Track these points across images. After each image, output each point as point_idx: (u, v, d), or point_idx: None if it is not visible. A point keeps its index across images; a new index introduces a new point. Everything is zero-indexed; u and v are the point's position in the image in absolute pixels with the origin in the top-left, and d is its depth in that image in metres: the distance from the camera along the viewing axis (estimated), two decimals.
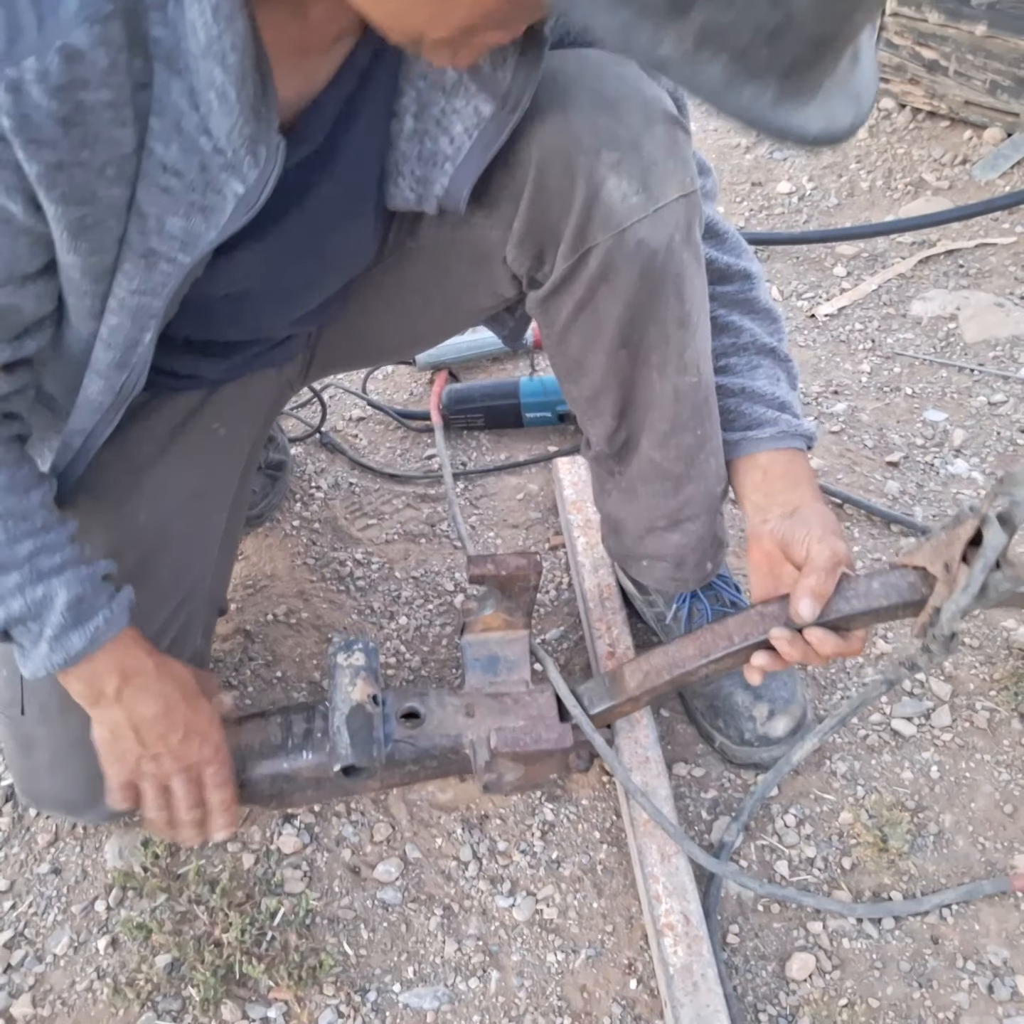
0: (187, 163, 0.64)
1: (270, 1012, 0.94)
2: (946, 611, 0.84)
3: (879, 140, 2.34)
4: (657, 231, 0.86)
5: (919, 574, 0.90)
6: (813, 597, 0.88)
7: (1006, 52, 2.13)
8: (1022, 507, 0.80)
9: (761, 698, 1.10)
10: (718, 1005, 0.87)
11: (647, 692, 0.98)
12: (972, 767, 1.11)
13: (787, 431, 0.99)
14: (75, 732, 0.94)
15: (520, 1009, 0.94)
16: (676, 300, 0.91)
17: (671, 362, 0.94)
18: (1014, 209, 2.03)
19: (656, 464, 1.02)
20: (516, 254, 0.92)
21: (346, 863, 1.05)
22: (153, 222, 0.68)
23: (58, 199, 0.63)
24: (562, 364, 1.01)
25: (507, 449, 1.59)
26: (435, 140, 0.82)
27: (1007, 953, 0.96)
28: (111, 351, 0.78)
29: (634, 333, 0.92)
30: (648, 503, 1.06)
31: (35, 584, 0.81)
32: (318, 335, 1.15)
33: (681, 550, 1.09)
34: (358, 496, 1.51)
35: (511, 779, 0.99)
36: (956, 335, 1.76)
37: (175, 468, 1.01)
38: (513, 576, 1.03)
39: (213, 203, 0.67)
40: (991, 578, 0.81)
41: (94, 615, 0.83)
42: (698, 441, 0.99)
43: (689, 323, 0.93)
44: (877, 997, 0.94)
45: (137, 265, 0.70)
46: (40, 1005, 0.96)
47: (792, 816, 1.07)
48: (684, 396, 0.96)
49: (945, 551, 0.86)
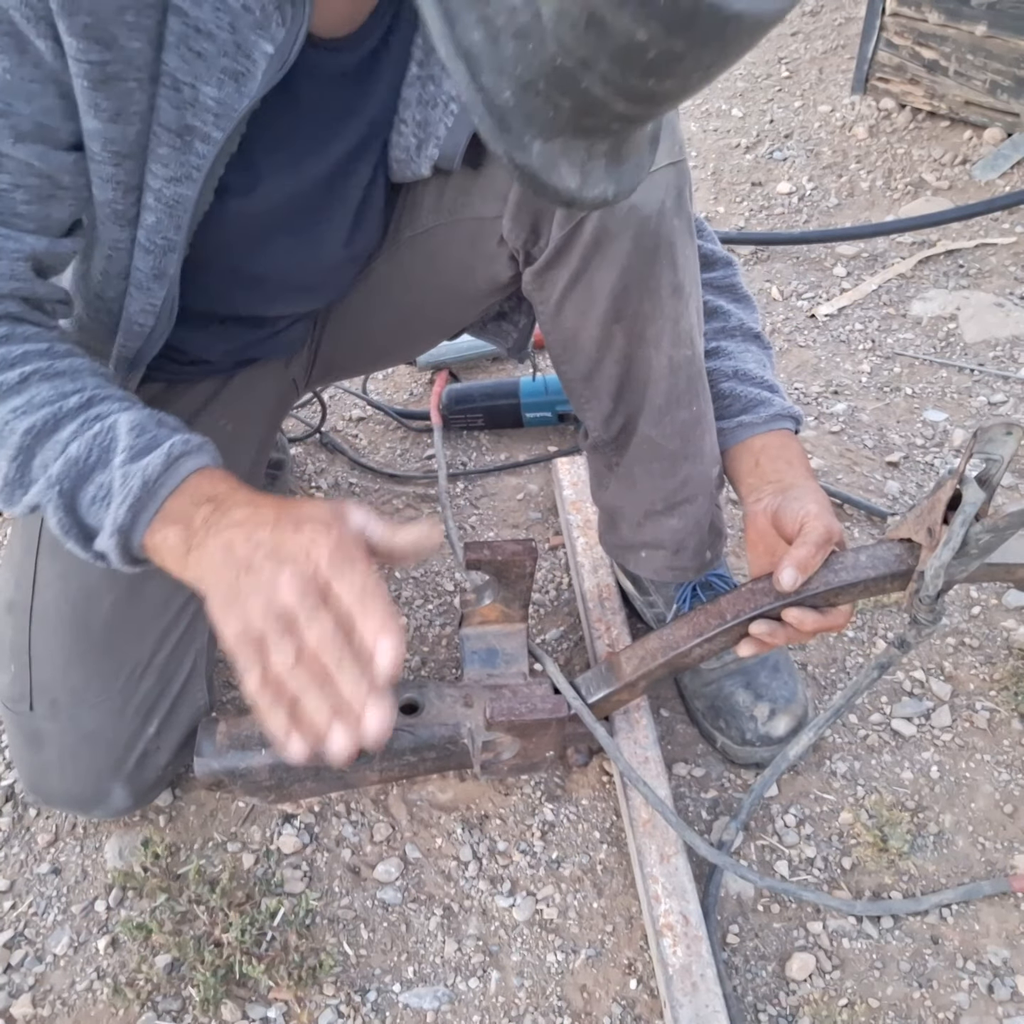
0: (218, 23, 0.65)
1: (270, 1012, 0.94)
2: (929, 568, 0.85)
3: (879, 140, 2.34)
4: (648, 196, 0.87)
5: (905, 546, 0.92)
6: (796, 567, 0.89)
7: (1006, 52, 2.13)
8: (998, 464, 0.81)
9: (762, 698, 1.10)
10: (717, 1005, 0.87)
11: (643, 676, 0.99)
12: (972, 767, 1.11)
13: (780, 413, 1.02)
14: (85, 727, 0.94)
15: (520, 1009, 0.94)
16: (670, 267, 0.91)
17: (666, 333, 0.95)
18: (1014, 209, 2.03)
19: (653, 442, 1.03)
20: (512, 226, 0.93)
21: (346, 863, 1.05)
22: (188, 92, 0.68)
23: (79, 32, 0.62)
24: (558, 341, 1.01)
25: (507, 449, 1.59)
26: (438, 83, 0.84)
27: (1007, 953, 0.96)
28: (149, 256, 0.77)
29: (628, 305, 0.93)
30: (646, 486, 1.07)
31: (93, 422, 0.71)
32: (321, 330, 1.15)
33: (679, 535, 1.09)
34: (358, 496, 1.51)
35: (508, 757, 0.99)
36: (956, 335, 1.76)
37: None
38: (509, 562, 1.04)
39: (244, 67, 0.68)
40: (971, 531, 0.83)
41: (168, 438, 0.71)
42: (693, 417, 1.01)
43: (683, 292, 0.94)
44: (877, 997, 0.94)
45: (173, 146, 0.70)
46: (40, 1005, 0.96)
47: (792, 816, 1.07)
48: (679, 369, 0.97)
49: (928, 517, 0.88)
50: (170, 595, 0.99)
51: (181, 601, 1.00)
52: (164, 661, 0.99)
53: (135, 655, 0.97)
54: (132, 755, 0.98)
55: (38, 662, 0.96)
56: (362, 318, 1.12)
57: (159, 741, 1.00)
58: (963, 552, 0.84)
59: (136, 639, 0.98)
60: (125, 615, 0.97)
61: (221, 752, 0.95)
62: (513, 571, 1.05)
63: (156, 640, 0.98)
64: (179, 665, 1.00)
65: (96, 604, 0.96)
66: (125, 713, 0.97)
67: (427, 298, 1.08)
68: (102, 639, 0.96)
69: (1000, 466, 0.82)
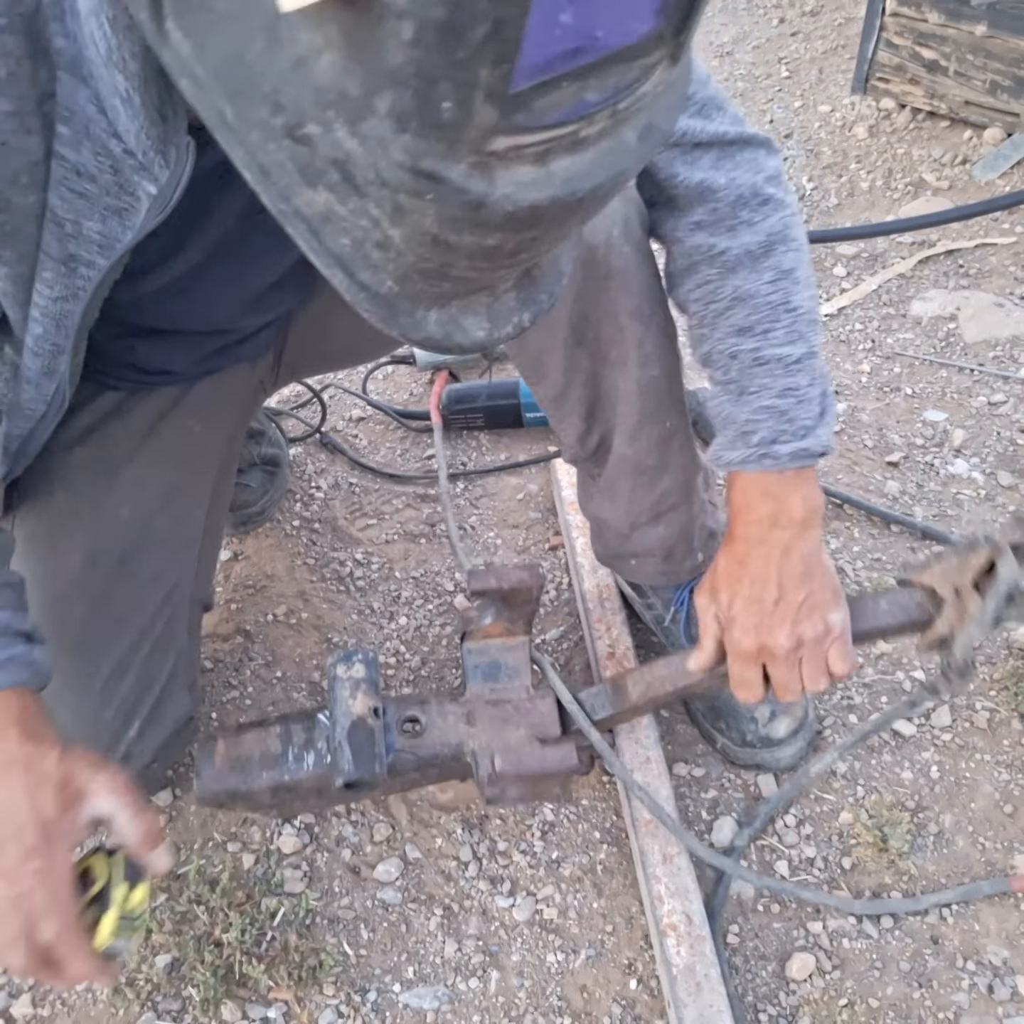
0: (100, 167, 0.65)
1: (270, 1012, 0.94)
2: (959, 643, 0.85)
3: (879, 140, 2.34)
4: (595, 227, 0.87)
5: (926, 594, 0.90)
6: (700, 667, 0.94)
7: (1006, 52, 2.13)
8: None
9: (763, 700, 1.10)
10: (721, 1005, 0.87)
11: (650, 701, 0.99)
12: (972, 767, 1.11)
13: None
14: (65, 731, 0.93)
15: (520, 1009, 0.94)
16: (625, 294, 0.91)
17: (631, 356, 0.94)
18: (1014, 209, 2.03)
19: (629, 459, 1.03)
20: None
21: (346, 863, 1.05)
22: (71, 227, 0.68)
23: None
24: (525, 364, 1.02)
25: (507, 449, 1.59)
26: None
27: (1007, 953, 0.96)
28: (38, 359, 0.78)
29: (588, 330, 0.93)
30: (628, 499, 1.07)
31: None
32: (285, 333, 1.14)
33: (667, 542, 1.09)
34: (358, 496, 1.51)
35: (514, 793, 0.99)
36: (956, 335, 1.76)
37: (152, 465, 1.01)
38: (515, 590, 1.02)
39: (128, 204, 0.68)
40: (1004, 611, 0.82)
41: None
42: (668, 432, 1.00)
43: (642, 315, 0.93)
44: (877, 997, 0.94)
45: (57, 272, 0.71)
46: (40, 1005, 0.96)
47: (792, 816, 1.07)
48: (648, 389, 0.97)
49: (956, 576, 0.86)
50: (145, 597, 0.98)
51: (157, 603, 0.99)
52: (142, 663, 0.98)
53: (112, 657, 0.96)
54: (113, 757, 0.98)
55: None
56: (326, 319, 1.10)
57: (141, 744, 0.99)
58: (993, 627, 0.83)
59: (112, 642, 0.97)
60: (99, 618, 0.96)
61: (221, 775, 0.94)
62: (519, 598, 1.03)
63: (133, 642, 0.98)
64: (159, 667, 0.99)
65: (69, 609, 0.96)
66: (104, 715, 0.96)
67: None
68: (78, 642, 0.95)
69: None
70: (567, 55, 0.41)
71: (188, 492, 1.05)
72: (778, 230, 0.87)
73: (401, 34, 0.38)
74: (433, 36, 0.38)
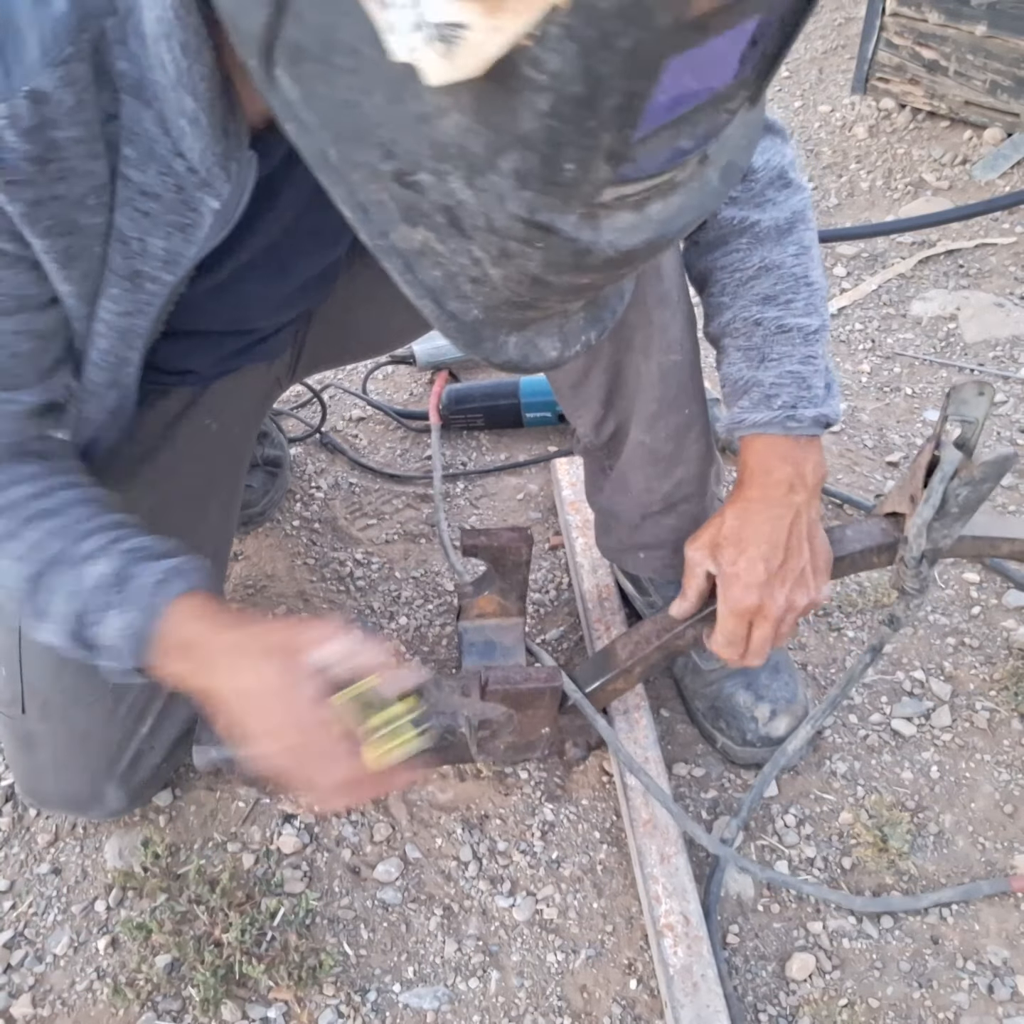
0: (164, 186, 0.67)
1: (270, 1012, 0.94)
2: (911, 528, 0.86)
3: (879, 140, 2.34)
4: None
5: (891, 520, 0.93)
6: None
7: (1006, 52, 2.14)
8: (974, 426, 0.83)
9: (763, 699, 1.10)
10: (718, 1005, 0.87)
11: (639, 662, 1.00)
12: (972, 767, 1.11)
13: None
14: (78, 728, 0.94)
15: (520, 1009, 0.94)
16: (655, 278, 0.92)
17: (654, 341, 0.95)
18: (1014, 209, 2.03)
19: (646, 447, 1.03)
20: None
21: (346, 863, 1.05)
22: (136, 245, 0.70)
23: (42, 233, 0.65)
24: None
25: (507, 449, 1.59)
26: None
27: (1007, 953, 0.96)
28: (102, 372, 0.79)
29: None
30: (641, 488, 1.07)
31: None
32: (306, 330, 1.15)
33: (677, 533, 1.08)
34: (358, 496, 1.51)
35: (504, 735, 0.99)
36: (956, 335, 1.76)
37: (170, 463, 1.02)
38: (505, 548, 1.05)
39: (192, 220, 0.69)
40: (949, 488, 0.85)
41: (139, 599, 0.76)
42: (686, 420, 1.01)
43: (670, 301, 0.94)
44: (877, 997, 0.94)
45: (123, 287, 0.72)
46: (40, 1005, 0.96)
47: (792, 816, 1.07)
48: (669, 375, 0.97)
49: (909, 485, 0.89)
50: None
51: None
52: None
53: None
54: (125, 755, 0.98)
55: (29, 664, 0.96)
56: (345, 316, 1.11)
57: (152, 741, 1.00)
58: (944, 511, 0.85)
59: None
60: None
61: (220, 741, 0.95)
62: (509, 558, 1.06)
63: None
64: None
65: None
66: (118, 713, 0.97)
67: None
68: None
69: (976, 428, 0.83)
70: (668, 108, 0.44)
71: (205, 491, 1.06)
72: (800, 209, 0.92)
73: (537, 105, 0.41)
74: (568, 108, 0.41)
